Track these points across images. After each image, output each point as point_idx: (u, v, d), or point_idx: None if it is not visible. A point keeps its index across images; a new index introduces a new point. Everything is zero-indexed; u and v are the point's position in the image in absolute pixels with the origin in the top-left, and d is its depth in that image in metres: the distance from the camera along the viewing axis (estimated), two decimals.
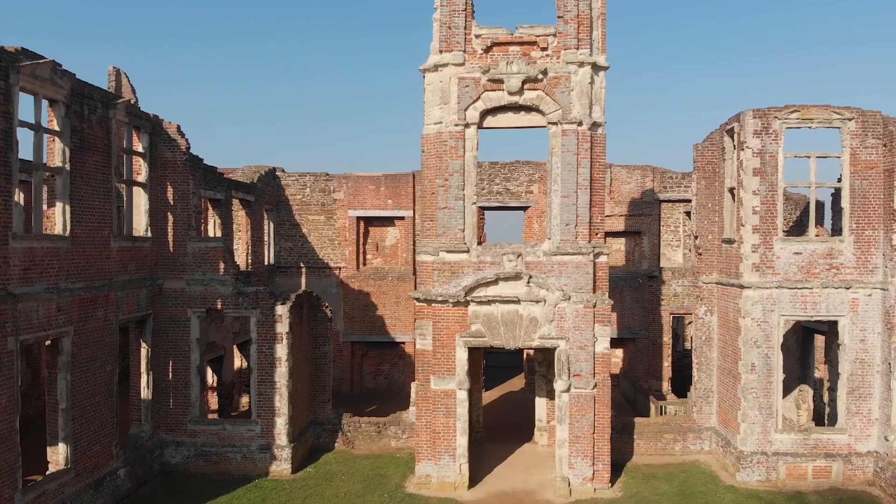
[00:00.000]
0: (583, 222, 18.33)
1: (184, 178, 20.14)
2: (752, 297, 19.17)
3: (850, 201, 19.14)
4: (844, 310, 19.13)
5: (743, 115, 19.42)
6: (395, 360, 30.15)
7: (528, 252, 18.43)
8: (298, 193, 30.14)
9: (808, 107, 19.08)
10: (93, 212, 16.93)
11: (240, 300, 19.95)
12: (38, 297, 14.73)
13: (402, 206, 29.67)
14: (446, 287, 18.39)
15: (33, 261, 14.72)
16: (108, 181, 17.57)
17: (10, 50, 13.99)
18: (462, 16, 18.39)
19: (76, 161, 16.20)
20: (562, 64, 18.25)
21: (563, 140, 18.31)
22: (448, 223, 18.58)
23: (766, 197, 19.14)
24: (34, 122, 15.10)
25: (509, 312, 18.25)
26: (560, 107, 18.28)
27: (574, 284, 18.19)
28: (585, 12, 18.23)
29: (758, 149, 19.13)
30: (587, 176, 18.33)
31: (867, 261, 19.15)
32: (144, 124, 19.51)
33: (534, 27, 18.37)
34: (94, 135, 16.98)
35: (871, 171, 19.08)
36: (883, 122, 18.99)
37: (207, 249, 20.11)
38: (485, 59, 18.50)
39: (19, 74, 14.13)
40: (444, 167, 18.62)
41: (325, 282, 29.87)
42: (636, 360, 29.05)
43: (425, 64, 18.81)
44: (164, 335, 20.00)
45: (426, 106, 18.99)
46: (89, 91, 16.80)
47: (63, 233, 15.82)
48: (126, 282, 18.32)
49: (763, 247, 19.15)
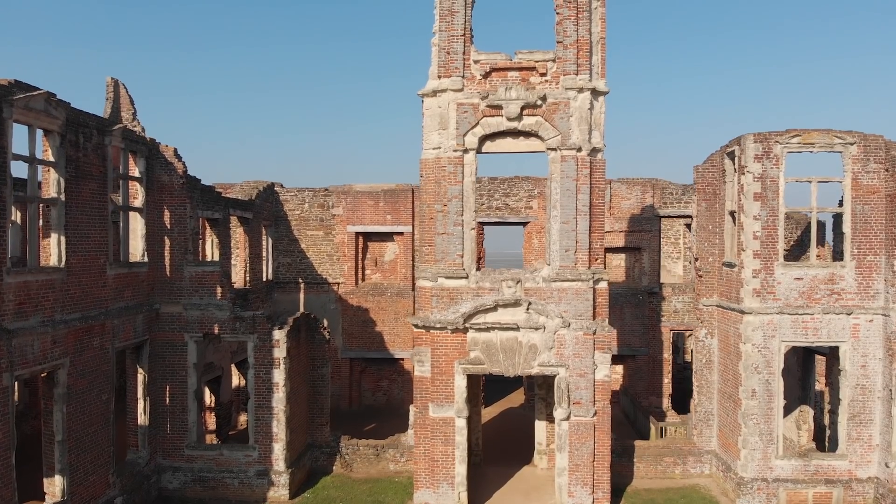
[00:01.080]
0: (582, 248, 18.19)
1: (181, 201, 19.99)
2: (752, 322, 19.04)
3: (852, 226, 19.02)
4: (846, 336, 19.01)
5: (744, 139, 19.28)
6: (394, 376, 30.03)
7: (527, 278, 18.30)
8: (297, 209, 30.00)
9: (810, 131, 18.94)
10: (88, 240, 16.79)
11: (237, 325, 19.82)
12: (33, 331, 14.59)
13: (401, 221, 29.53)
14: (445, 313, 18.26)
15: (28, 294, 14.59)
16: (103, 208, 17.43)
17: (3, 83, 13.85)
18: (461, 41, 18.25)
19: (71, 190, 16.06)
20: (561, 90, 18.11)
21: (563, 166, 18.18)
22: (447, 248, 18.45)
23: (766, 222, 19.01)
24: (28, 153, 15.00)
25: (508, 339, 18.12)
26: (559, 132, 18.14)
27: (574, 311, 18.06)
28: (585, 37, 18.08)
29: (759, 173, 18.99)
30: (586, 202, 18.19)
31: (868, 286, 19.03)
32: (141, 148, 19.36)
33: (533, 52, 18.23)
34: (89, 162, 16.84)
35: (872, 195, 18.95)
36: (885, 146, 18.86)
37: (204, 273, 19.97)
38: (483, 85, 18.36)
39: (13, 108, 13.99)
40: (443, 192, 18.48)
41: (324, 297, 29.73)
42: (636, 376, 28.93)
43: (424, 89, 18.66)
44: (160, 360, 19.87)
45: (425, 131, 18.85)
46: (85, 119, 16.66)
47: (58, 264, 15.67)
48: (122, 309, 18.18)
49: (764, 272, 19.03)
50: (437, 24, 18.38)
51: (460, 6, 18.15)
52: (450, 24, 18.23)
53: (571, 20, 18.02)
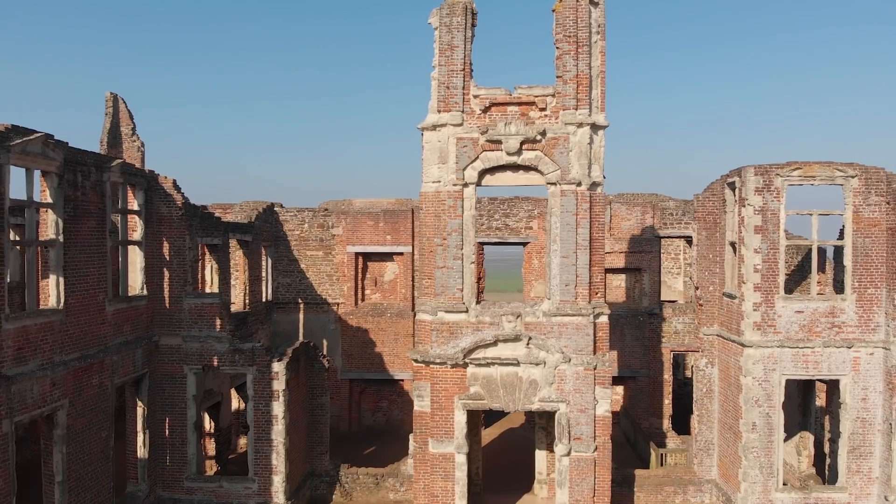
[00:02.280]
0: (582, 282, 18.15)
1: (180, 233, 19.93)
2: (753, 355, 19.00)
3: (853, 259, 18.97)
4: (846, 369, 18.97)
5: (744, 171, 19.23)
6: (393, 396, 30.00)
7: (527, 312, 18.26)
8: (297, 229, 29.95)
9: (811, 164, 18.89)
10: (87, 278, 16.74)
11: (236, 357, 19.78)
12: (33, 375, 14.56)
13: (400, 241, 29.48)
14: (444, 348, 18.23)
15: (27, 339, 14.55)
16: (102, 245, 17.38)
17: (1, 129, 13.79)
18: (460, 76, 18.19)
19: (70, 230, 16.00)
20: (560, 125, 18.06)
21: (562, 200, 18.13)
22: (446, 282, 18.41)
23: (767, 255, 18.97)
24: (26, 196, 14.96)
25: (509, 375, 18.09)
26: (559, 167, 18.10)
27: (574, 346, 18.02)
28: (585, 72, 18.02)
29: (759, 206, 18.94)
30: (586, 236, 18.15)
31: (869, 319, 18.98)
32: (140, 181, 19.30)
33: (532, 88, 18.17)
34: (87, 200, 16.78)
35: (873, 228, 18.90)
36: (886, 179, 18.81)
37: (203, 306, 19.93)
38: (483, 119, 18.31)
39: (9, 153, 13.94)
40: (443, 226, 18.44)
41: (323, 318, 29.69)
42: (637, 398, 28.91)
43: (423, 123, 18.61)
44: (160, 392, 19.83)
45: (424, 164, 18.81)
46: (83, 157, 16.60)
47: (57, 305, 15.62)
48: (121, 344, 18.14)
49: (765, 305, 18.99)
50: (436, 58, 18.32)
51: (460, 41, 18.09)
52: (449, 58, 18.17)
53: (571, 55, 17.96)
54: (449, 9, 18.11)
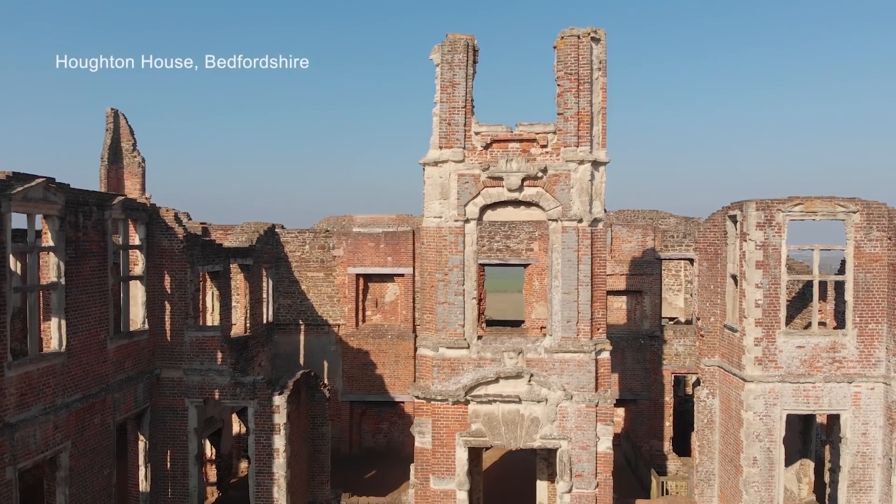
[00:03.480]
0: (584, 319, 18.17)
1: (181, 266, 19.94)
2: (754, 390, 19.01)
3: (854, 294, 18.98)
4: (847, 404, 18.99)
5: (746, 205, 19.23)
6: (394, 418, 30.02)
7: (528, 348, 18.27)
8: (298, 250, 29.94)
9: (812, 198, 18.88)
10: (89, 318, 16.76)
11: (237, 390, 19.80)
12: (35, 420, 14.59)
13: (401, 262, 29.46)
14: (446, 384, 18.24)
15: (30, 385, 14.58)
16: (104, 284, 17.39)
17: (1, 177, 13.78)
18: (462, 113, 18.19)
19: (71, 271, 16.00)
20: (562, 161, 18.06)
21: (564, 237, 18.14)
22: (448, 318, 18.42)
23: (769, 290, 18.97)
24: (28, 241, 14.98)
25: (510, 412, 18.11)
26: (560, 204, 18.11)
27: (576, 383, 18.04)
28: (586, 109, 18.02)
29: (761, 241, 18.94)
30: (588, 272, 18.16)
31: (870, 354, 18.99)
32: (141, 215, 19.32)
33: (533, 125, 18.18)
34: (89, 240, 16.79)
35: (875, 263, 18.90)
36: (888, 214, 18.80)
37: (205, 339, 19.96)
38: (484, 156, 18.32)
39: (11, 201, 13.95)
40: (444, 262, 18.45)
41: (324, 339, 29.69)
42: (638, 420, 28.93)
43: (425, 158, 18.61)
44: (161, 425, 19.85)
45: (426, 199, 18.81)
46: (84, 198, 16.60)
47: (59, 348, 15.64)
48: (123, 381, 18.15)
49: (766, 340, 18.99)
50: (438, 94, 18.32)
51: (461, 78, 18.09)
52: (451, 95, 18.17)
53: (572, 93, 17.95)
54: (450, 46, 18.10)
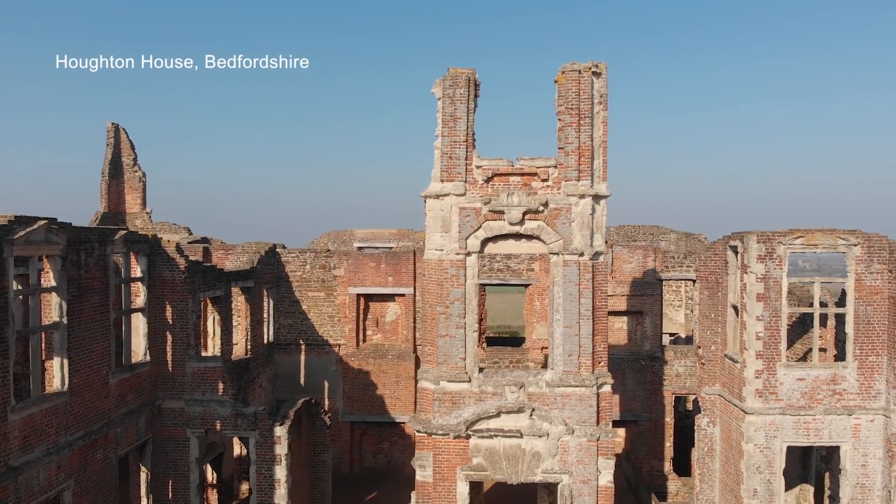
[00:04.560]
0: (585, 353, 18.20)
1: (182, 296, 19.95)
2: (754, 423, 19.07)
3: (854, 327, 19.02)
4: (847, 436, 19.05)
5: (746, 237, 19.26)
6: (395, 438, 30.06)
7: (530, 382, 18.31)
8: (298, 270, 29.95)
9: (813, 231, 18.92)
10: (91, 355, 16.77)
11: (239, 421, 19.83)
12: (39, 462, 14.60)
13: (402, 283, 29.48)
14: (447, 418, 18.28)
15: (33, 427, 14.59)
16: (106, 320, 17.40)
17: (3, 222, 13.78)
18: (463, 147, 18.21)
19: (73, 310, 16.00)
20: (563, 195, 18.09)
21: (565, 270, 18.17)
22: (449, 351, 18.45)
23: (769, 322, 19.01)
24: (30, 283, 14.99)
25: (512, 446, 18.15)
26: (561, 237, 18.13)
27: (577, 417, 18.07)
28: (587, 143, 18.05)
29: (762, 274, 18.98)
30: (589, 306, 18.19)
31: (870, 386, 19.05)
32: (143, 247, 19.30)
33: (534, 159, 18.21)
34: (91, 277, 16.79)
35: (875, 296, 18.95)
36: (888, 247, 18.85)
37: (206, 369, 19.98)
38: (486, 189, 18.34)
39: (13, 246, 13.95)
40: (446, 294, 18.48)
41: (325, 359, 29.71)
42: (638, 441, 28.97)
43: (427, 191, 18.64)
44: (163, 455, 19.87)
45: (427, 231, 18.85)
46: (86, 235, 16.60)
47: (61, 388, 15.65)
48: (125, 414, 18.17)
49: (766, 372, 19.05)
50: (439, 128, 18.34)
51: (462, 113, 18.11)
52: (452, 129, 18.19)
53: (573, 127, 17.98)
54: (452, 80, 18.12)
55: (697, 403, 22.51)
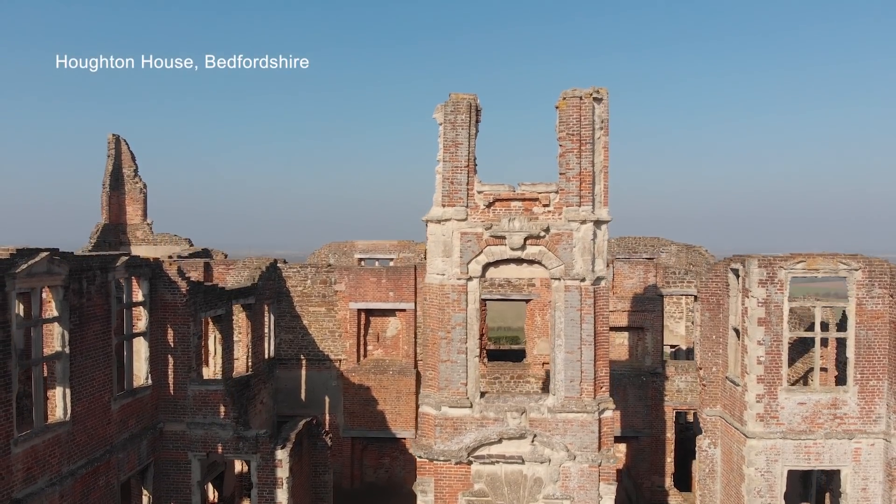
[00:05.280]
0: (587, 378, 18.23)
1: (184, 320, 19.97)
2: (756, 447, 19.09)
3: (856, 351, 19.04)
4: (847, 460, 19.08)
5: (748, 261, 19.28)
6: (395, 454, 30.05)
7: (531, 407, 18.33)
8: (299, 285, 29.95)
9: (815, 255, 18.94)
10: (93, 383, 16.78)
11: (240, 444, 19.85)
12: (42, 493, 14.60)
13: (403, 298, 29.47)
14: (448, 444, 18.30)
15: (36, 458, 14.60)
16: (108, 346, 17.42)
17: (5, 255, 13.78)
18: (464, 172, 18.23)
19: (75, 339, 16.01)
20: (564, 221, 18.12)
21: (566, 296, 18.20)
22: (450, 377, 18.48)
23: (770, 347, 19.04)
24: (32, 315, 15.00)
25: (513, 472, 18.18)
26: (562, 263, 18.16)
27: (579, 443, 18.10)
28: (588, 169, 18.07)
29: (763, 298, 19.00)
30: (591, 331, 18.22)
31: (871, 410, 19.08)
32: (144, 271, 19.32)
33: (535, 185, 18.23)
34: (93, 304, 16.81)
35: (876, 321, 18.97)
36: (890, 271, 18.87)
37: (207, 392, 20.01)
38: (487, 214, 18.37)
39: (15, 280, 13.96)
40: (447, 319, 18.50)
41: (325, 374, 29.69)
42: (639, 457, 28.98)
43: (428, 215, 18.67)
44: (165, 478, 19.89)
45: (428, 255, 18.90)
46: (88, 263, 16.61)
47: (64, 417, 15.67)
48: (127, 440, 18.19)
49: (768, 396, 19.07)
50: (440, 153, 18.37)
51: (464, 138, 18.13)
52: (454, 155, 18.21)
53: (574, 153, 18.00)
54: (454, 106, 18.14)
55: (697, 417, 22.53)
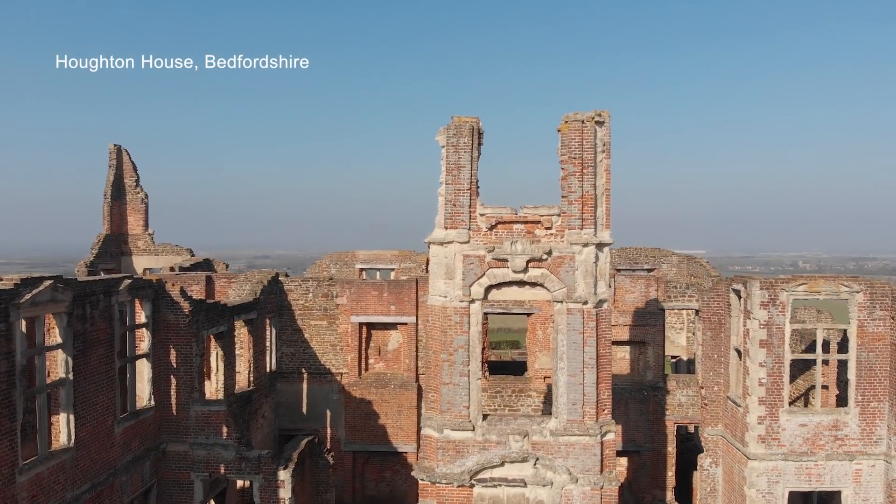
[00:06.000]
0: (589, 401, 18.27)
1: (187, 340, 20.00)
2: (757, 468, 19.14)
3: (857, 373, 19.09)
4: (848, 482, 19.14)
5: (750, 283, 19.32)
6: (397, 467, 30.08)
7: (534, 430, 18.37)
8: (301, 299, 29.97)
9: (816, 278, 18.99)
10: (96, 407, 16.82)
11: (243, 465, 19.88)
12: None
13: (404, 312, 29.49)
14: (450, 467, 18.34)
15: (41, 486, 14.65)
16: (111, 370, 17.45)
17: (9, 286, 13.81)
18: (467, 195, 18.27)
19: (79, 364, 16.04)
20: (566, 244, 18.16)
21: (569, 319, 18.24)
22: (453, 399, 18.51)
23: (772, 369, 19.09)
24: (37, 343, 15.04)
25: (516, 495, 18.22)
26: (565, 285, 18.20)
27: (581, 466, 18.14)
28: (590, 192, 18.11)
29: (764, 320, 19.04)
30: (593, 354, 18.26)
31: (872, 432, 19.13)
32: (147, 292, 19.35)
33: (538, 208, 18.28)
34: (96, 329, 16.83)
35: (877, 343, 19.02)
36: (891, 294, 18.91)
37: (210, 413, 20.04)
38: (489, 237, 18.40)
39: (19, 310, 14.00)
40: (449, 342, 18.54)
41: (327, 388, 29.72)
42: (640, 471, 29.01)
43: (431, 237, 18.72)
44: (167, 499, 19.92)
45: (431, 277, 18.96)
46: (91, 288, 16.64)
47: (68, 443, 15.70)
48: (130, 462, 18.23)
49: (769, 418, 19.12)
50: (443, 176, 18.41)
51: (466, 161, 18.17)
52: (456, 178, 18.25)
53: (576, 176, 18.04)
54: (456, 129, 18.17)
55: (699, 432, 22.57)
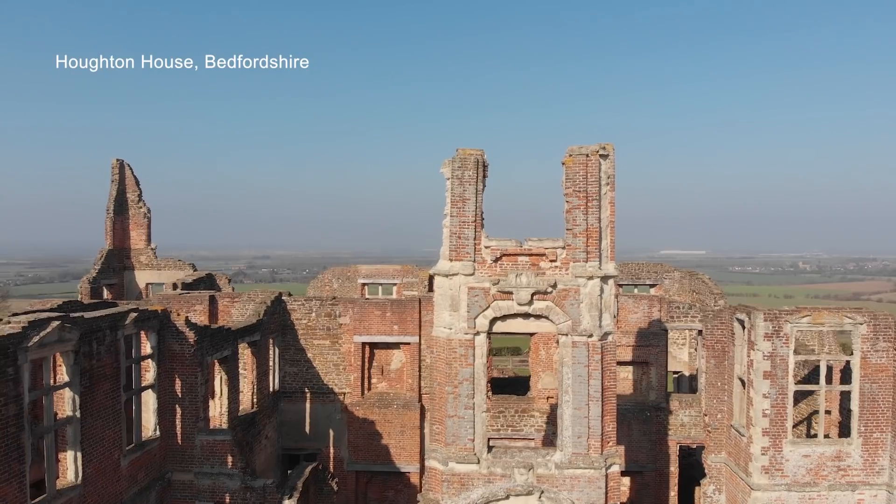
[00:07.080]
0: (595, 434, 18.31)
1: (192, 370, 20.05)
2: (760, 499, 19.22)
3: (860, 404, 19.15)
4: None
5: (753, 314, 19.37)
6: (400, 487, 30.13)
7: (539, 463, 18.41)
8: (304, 318, 30.01)
9: (820, 310, 19.03)
10: (103, 443, 16.88)
11: (248, 495, 19.95)
12: None
13: (407, 331, 29.54)
14: (456, 499, 18.37)
15: None
16: (117, 404, 17.50)
17: (17, 330, 13.85)
18: (472, 227, 18.30)
19: (86, 401, 16.10)
20: (571, 277, 18.19)
21: (574, 352, 18.28)
22: (458, 432, 18.55)
23: (776, 400, 19.14)
24: (45, 383, 15.08)
25: None
26: (570, 318, 18.24)
27: (586, 499, 18.17)
28: (594, 225, 18.14)
29: (768, 352, 19.09)
30: (598, 387, 18.30)
31: (874, 462, 19.19)
32: (153, 323, 19.39)
33: (542, 240, 18.31)
34: (102, 364, 16.88)
35: (881, 374, 19.08)
36: (894, 325, 18.95)
37: (215, 442, 20.09)
38: (494, 269, 18.44)
39: (27, 353, 14.04)
40: (454, 374, 18.58)
41: (329, 408, 29.77)
42: (643, 492, 29.06)
43: (436, 268, 18.75)
44: None
45: (436, 308, 18.98)
46: (97, 324, 16.69)
47: (75, 481, 15.76)
48: (136, 494, 18.28)
49: (773, 449, 19.18)
50: (448, 207, 18.43)
51: (471, 194, 18.20)
52: (461, 210, 18.29)
53: (581, 209, 18.07)
54: (461, 162, 18.21)
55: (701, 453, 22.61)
